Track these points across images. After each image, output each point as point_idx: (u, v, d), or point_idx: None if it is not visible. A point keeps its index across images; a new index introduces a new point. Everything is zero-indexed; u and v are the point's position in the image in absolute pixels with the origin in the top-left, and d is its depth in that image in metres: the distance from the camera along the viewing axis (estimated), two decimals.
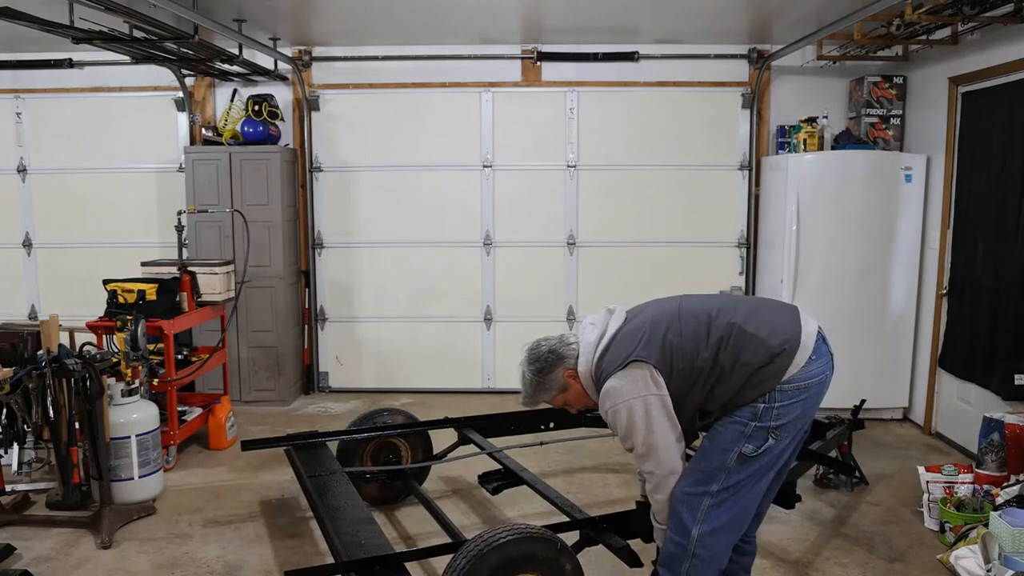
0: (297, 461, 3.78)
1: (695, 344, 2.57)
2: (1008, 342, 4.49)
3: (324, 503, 3.32)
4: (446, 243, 6.48)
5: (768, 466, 2.58)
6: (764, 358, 2.52)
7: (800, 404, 2.55)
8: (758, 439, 2.53)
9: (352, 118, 6.43)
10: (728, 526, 2.57)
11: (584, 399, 2.76)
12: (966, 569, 3.31)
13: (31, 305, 6.74)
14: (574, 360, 2.71)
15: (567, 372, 2.71)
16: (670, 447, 2.53)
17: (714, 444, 2.60)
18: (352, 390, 6.60)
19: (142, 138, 6.52)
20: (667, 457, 2.54)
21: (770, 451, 2.55)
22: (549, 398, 2.79)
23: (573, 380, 2.72)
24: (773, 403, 2.52)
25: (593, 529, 3.06)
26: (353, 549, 2.90)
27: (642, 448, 2.54)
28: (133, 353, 4.37)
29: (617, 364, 2.56)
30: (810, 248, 5.56)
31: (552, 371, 2.72)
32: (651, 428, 2.50)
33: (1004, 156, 4.58)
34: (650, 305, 2.77)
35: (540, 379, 2.74)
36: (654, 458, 2.53)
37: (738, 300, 2.79)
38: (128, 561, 3.60)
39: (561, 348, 2.75)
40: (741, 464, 2.55)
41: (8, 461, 4.24)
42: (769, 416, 2.52)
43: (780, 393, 2.52)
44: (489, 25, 5.73)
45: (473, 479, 4.22)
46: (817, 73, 6.14)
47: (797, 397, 2.54)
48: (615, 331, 2.66)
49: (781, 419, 2.53)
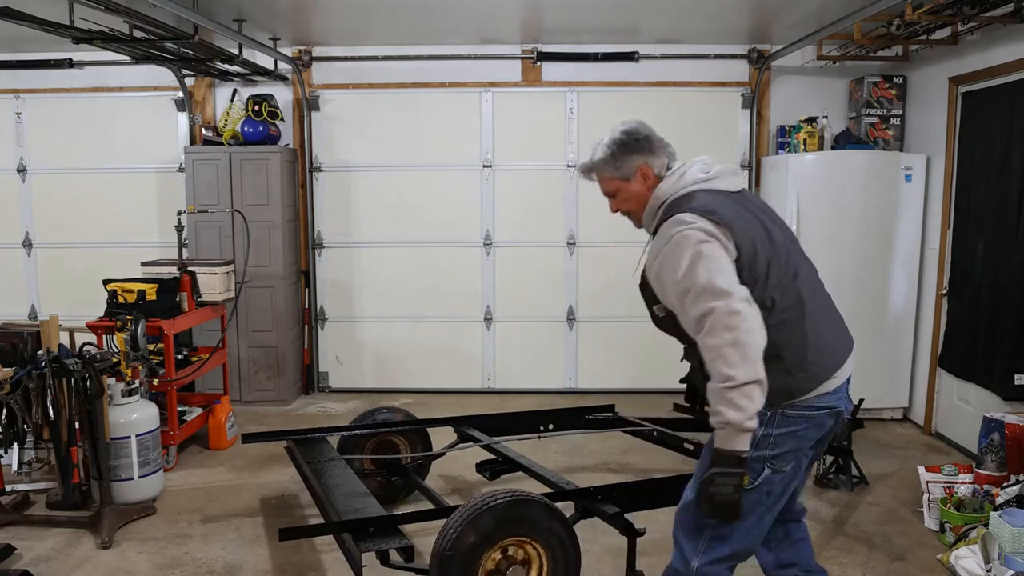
0: (297, 454, 3.81)
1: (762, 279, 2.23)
2: (1008, 342, 4.49)
3: (321, 483, 3.35)
4: (446, 243, 6.48)
5: (775, 497, 2.32)
6: (793, 363, 2.25)
7: (797, 437, 2.29)
8: (754, 470, 2.24)
9: (352, 118, 6.43)
10: (731, 557, 2.34)
11: (634, 204, 2.44)
12: (966, 569, 3.31)
13: (31, 305, 6.74)
14: (658, 167, 2.40)
15: (644, 165, 2.39)
16: (736, 287, 2.11)
17: (699, 473, 2.34)
18: (352, 390, 6.60)
19: (142, 138, 6.52)
20: (733, 288, 2.10)
21: (770, 483, 2.29)
22: (607, 174, 2.45)
23: (643, 178, 2.40)
24: (771, 429, 2.25)
25: (587, 500, 3.08)
26: (349, 515, 2.94)
27: (700, 284, 2.11)
28: (133, 353, 4.37)
29: (698, 208, 2.23)
30: (810, 248, 5.42)
31: (633, 154, 2.39)
32: (716, 268, 2.12)
33: (1004, 156, 4.58)
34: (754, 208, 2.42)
35: (616, 151, 2.40)
36: (713, 291, 2.09)
37: (819, 285, 2.53)
38: (128, 561, 3.60)
39: (658, 146, 2.42)
40: None
41: (8, 461, 4.24)
42: (765, 444, 2.25)
43: (781, 418, 2.26)
44: (489, 25, 5.73)
45: (473, 477, 4.23)
46: (817, 73, 6.14)
47: (796, 426, 2.28)
48: (721, 188, 2.36)
49: (777, 448, 2.27)
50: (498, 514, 2.73)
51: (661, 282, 2.25)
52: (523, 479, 3.73)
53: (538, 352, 6.56)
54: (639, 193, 2.42)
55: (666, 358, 6.75)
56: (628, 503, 3.14)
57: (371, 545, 2.78)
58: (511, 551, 2.82)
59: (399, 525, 2.95)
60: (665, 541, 3.71)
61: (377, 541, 2.80)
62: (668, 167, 2.41)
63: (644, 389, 6.32)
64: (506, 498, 2.75)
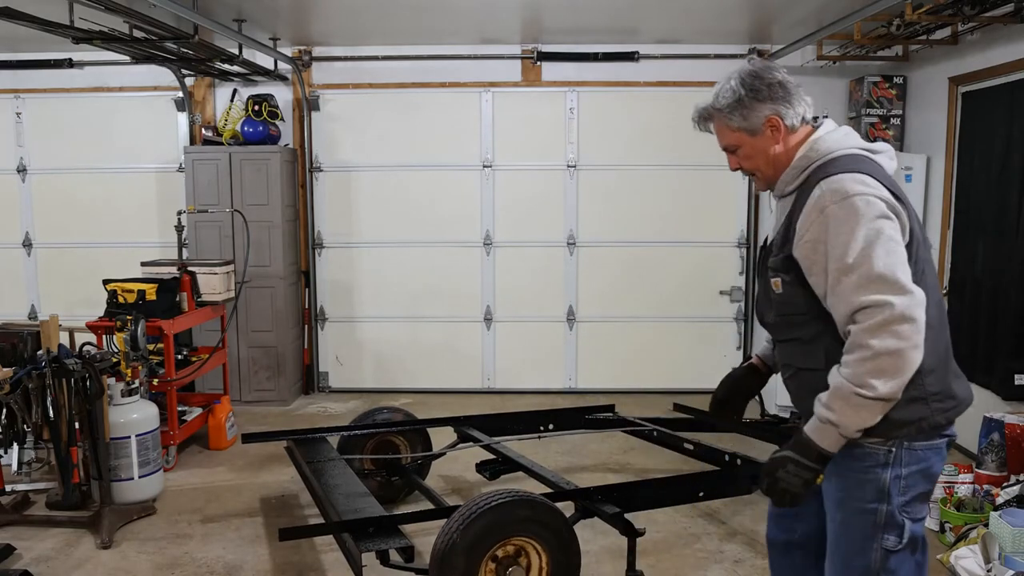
0: (297, 453, 3.81)
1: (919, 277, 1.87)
2: (1008, 342, 4.49)
3: (321, 483, 3.36)
4: (446, 243, 6.48)
5: (921, 550, 1.97)
6: (934, 388, 1.90)
7: (929, 476, 1.94)
8: (894, 526, 1.91)
9: (352, 118, 6.43)
10: None
11: (761, 162, 2.03)
12: (966, 569, 3.31)
13: (31, 305, 6.73)
14: (791, 119, 1.98)
15: (774, 117, 1.97)
16: (916, 287, 1.78)
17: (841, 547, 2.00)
18: (352, 390, 6.60)
19: (142, 138, 6.52)
20: (915, 288, 1.77)
21: (914, 539, 1.93)
22: (732, 125, 2.02)
23: (771, 132, 1.98)
24: (899, 468, 1.90)
25: (587, 500, 3.08)
26: (349, 515, 2.95)
27: (876, 270, 1.77)
28: (133, 353, 4.37)
29: (877, 175, 1.87)
30: None
31: (764, 101, 1.97)
32: (898, 256, 1.78)
33: (1004, 156, 4.58)
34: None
35: (744, 97, 1.97)
36: (893, 284, 1.76)
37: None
38: (128, 561, 3.60)
39: (793, 91, 1.98)
40: (887, 562, 1.92)
41: (8, 461, 4.24)
42: (897, 489, 1.90)
43: (908, 454, 1.90)
44: (489, 25, 5.73)
45: (473, 478, 4.22)
46: (817, 73, 6.14)
47: (927, 461, 1.92)
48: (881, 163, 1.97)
49: (910, 491, 1.91)
50: (498, 514, 2.73)
51: (814, 248, 1.86)
52: (523, 479, 3.73)
53: (538, 352, 6.56)
54: (767, 149, 2.00)
55: (666, 358, 6.76)
56: (628, 503, 3.14)
57: (371, 545, 2.78)
58: (511, 551, 2.82)
59: (399, 525, 2.95)
60: (665, 541, 3.73)
61: (377, 541, 2.80)
62: (804, 119, 2.00)
63: (644, 389, 6.32)
64: (506, 498, 2.75)
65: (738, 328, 6.47)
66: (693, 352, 6.44)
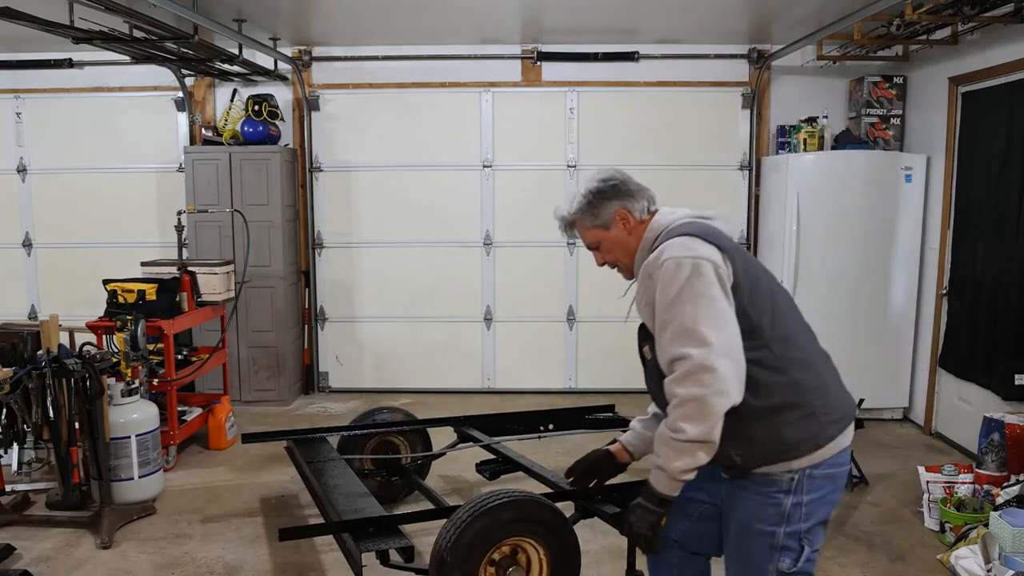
0: (297, 453, 3.81)
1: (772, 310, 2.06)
2: (1008, 342, 4.49)
3: (321, 483, 3.36)
4: (446, 243, 6.48)
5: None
6: (819, 404, 2.05)
7: (826, 503, 2.08)
8: (791, 550, 2.04)
9: (352, 118, 6.43)
10: None
11: (619, 253, 2.28)
12: (966, 569, 3.31)
13: (31, 305, 6.74)
14: (639, 211, 2.24)
15: (621, 211, 2.24)
16: (720, 337, 1.93)
17: (739, 565, 2.15)
18: (352, 390, 6.60)
19: (142, 138, 6.52)
20: (715, 338, 1.92)
21: (808, 567, 2.06)
22: (587, 224, 2.29)
23: (622, 223, 2.24)
24: (801, 496, 2.03)
25: (587, 500, 3.08)
26: (349, 515, 2.95)
27: (683, 324, 1.95)
28: (133, 353, 4.37)
29: (699, 232, 2.07)
30: (810, 248, 5.56)
31: (610, 200, 2.24)
32: (705, 309, 1.95)
33: (1004, 156, 4.58)
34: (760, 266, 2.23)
35: (592, 199, 2.26)
36: (695, 336, 1.93)
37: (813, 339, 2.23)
38: (128, 561, 3.60)
39: (635, 189, 2.27)
40: None
41: (8, 461, 4.24)
42: (798, 516, 2.03)
43: (809, 481, 2.03)
44: (489, 25, 5.73)
45: (473, 477, 4.23)
46: (817, 73, 6.14)
47: (824, 490, 2.06)
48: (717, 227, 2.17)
49: (811, 519, 2.05)
50: (498, 514, 2.72)
51: (650, 311, 2.08)
52: (523, 479, 3.73)
53: (538, 352, 6.56)
54: (621, 240, 2.26)
55: None
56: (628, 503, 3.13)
57: (371, 545, 2.78)
58: (511, 551, 2.82)
59: (399, 525, 2.95)
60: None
61: (377, 541, 2.80)
62: (649, 210, 2.27)
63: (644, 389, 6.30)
64: (506, 498, 2.75)
65: None
66: None
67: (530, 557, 2.85)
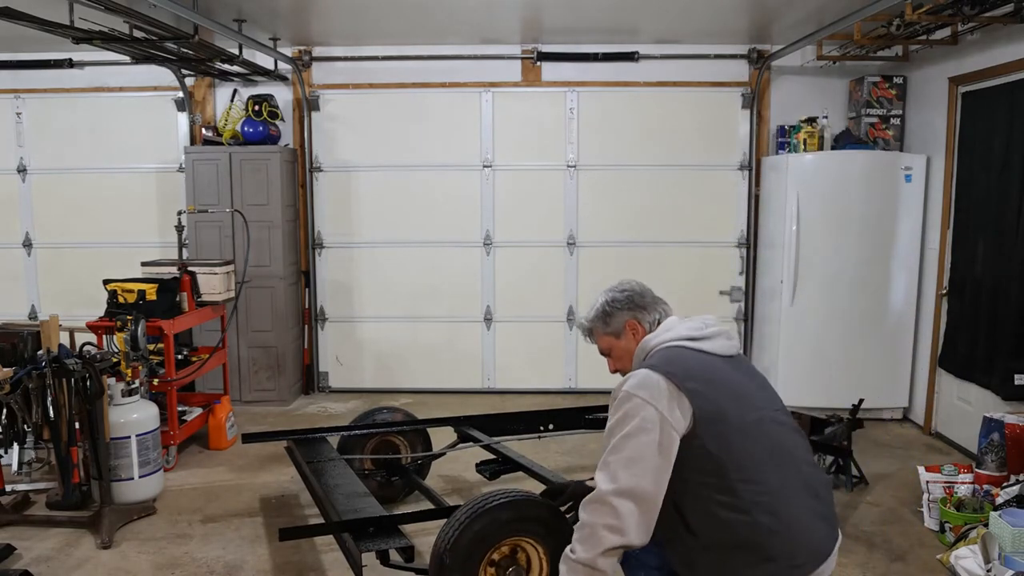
0: (297, 453, 3.81)
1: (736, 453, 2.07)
2: (1008, 342, 4.49)
3: (321, 483, 3.36)
4: (446, 243, 6.48)
5: None
6: (779, 550, 2.02)
7: None
8: None
9: (352, 118, 6.43)
10: None
11: (627, 361, 2.42)
12: (966, 569, 3.31)
13: (31, 305, 6.74)
14: (648, 320, 2.38)
15: (631, 321, 2.39)
16: (628, 482, 2.01)
17: None
18: (352, 390, 6.60)
19: (142, 138, 6.52)
20: (625, 480, 2.00)
21: None
22: (600, 331, 2.46)
23: (632, 334, 2.39)
24: None
25: None
26: (349, 515, 2.95)
27: (607, 451, 2.08)
28: (133, 353, 4.37)
29: (660, 367, 2.14)
30: (810, 248, 5.56)
31: (623, 310, 2.40)
32: (631, 451, 2.03)
33: (1004, 156, 4.58)
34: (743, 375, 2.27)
35: (606, 308, 2.42)
36: (609, 471, 2.05)
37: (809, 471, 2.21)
38: (128, 561, 3.60)
39: (648, 302, 2.41)
40: None
41: (8, 461, 4.25)
42: None
43: None
44: (489, 25, 5.73)
45: (473, 477, 4.23)
46: (817, 73, 6.14)
47: None
48: (708, 350, 2.24)
49: None
50: (498, 514, 2.72)
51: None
52: (523, 479, 3.73)
53: (538, 352, 6.56)
54: (631, 349, 2.39)
55: None
56: None
57: (371, 545, 2.78)
58: (511, 551, 2.82)
59: (399, 525, 2.95)
60: None
61: (377, 541, 2.81)
62: (659, 322, 2.38)
63: None
64: (506, 498, 2.75)
65: (738, 328, 6.47)
66: None
67: (530, 557, 2.85)
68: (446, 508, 3.13)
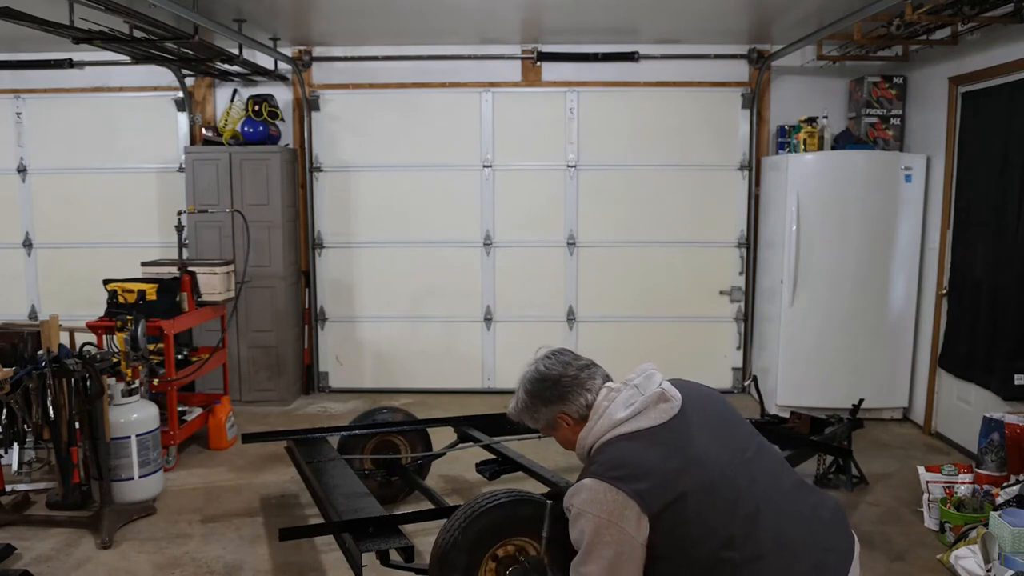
0: (297, 453, 3.82)
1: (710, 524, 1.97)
2: (1008, 342, 4.49)
3: (321, 483, 3.36)
4: (446, 243, 6.48)
5: None
6: None
7: None
8: None
9: (352, 118, 6.43)
10: None
11: (570, 446, 2.29)
12: (966, 569, 3.31)
13: (31, 305, 6.74)
14: (576, 411, 2.21)
15: (561, 414, 2.24)
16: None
17: None
18: (352, 390, 6.60)
19: (142, 138, 6.52)
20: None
21: None
22: (534, 425, 2.36)
23: (565, 425, 2.25)
24: None
25: None
26: (348, 515, 2.95)
27: (577, 566, 2.03)
28: (133, 353, 4.37)
29: (604, 472, 2.01)
30: (810, 248, 5.56)
31: (546, 405, 2.27)
32: (591, 553, 1.99)
33: (1004, 156, 4.58)
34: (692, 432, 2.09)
35: (529, 403, 2.33)
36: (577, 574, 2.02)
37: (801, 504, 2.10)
38: (128, 561, 3.60)
39: (566, 387, 2.24)
40: None
41: (8, 461, 4.24)
42: None
43: None
44: (489, 25, 5.73)
45: (473, 477, 4.23)
46: (817, 73, 6.14)
47: None
48: (643, 427, 2.08)
49: None
50: (498, 514, 2.73)
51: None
52: (523, 479, 3.73)
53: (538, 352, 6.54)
54: (568, 438, 2.26)
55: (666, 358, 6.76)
56: None
57: (371, 545, 2.78)
58: (511, 551, 2.82)
59: (399, 525, 2.95)
60: None
61: (377, 541, 2.81)
62: (588, 406, 2.19)
63: None
64: (506, 498, 2.75)
65: (738, 328, 6.47)
66: (693, 352, 6.44)
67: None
68: (446, 508, 3.14)
